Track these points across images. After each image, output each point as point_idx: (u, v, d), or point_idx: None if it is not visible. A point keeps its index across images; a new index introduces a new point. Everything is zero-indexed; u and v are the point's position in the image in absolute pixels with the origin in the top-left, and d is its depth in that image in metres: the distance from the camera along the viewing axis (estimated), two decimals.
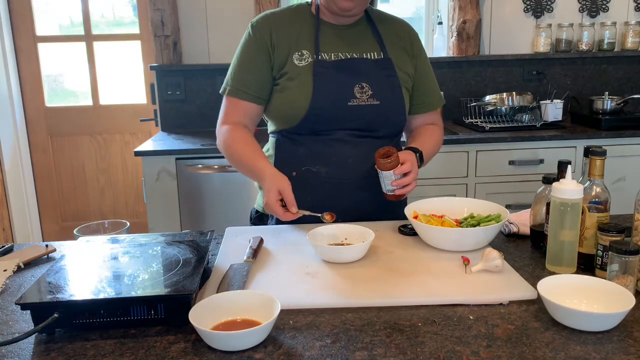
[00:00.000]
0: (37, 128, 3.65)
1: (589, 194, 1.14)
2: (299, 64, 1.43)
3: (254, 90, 1.47)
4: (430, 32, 3.55)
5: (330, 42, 1.47)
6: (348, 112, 1.43)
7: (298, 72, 1.43)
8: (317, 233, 1.27)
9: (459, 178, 2.86)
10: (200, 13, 3.24)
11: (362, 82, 1.44)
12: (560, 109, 3.13)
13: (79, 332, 0.95)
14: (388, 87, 1.47)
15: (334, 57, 1.45)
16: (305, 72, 1.43)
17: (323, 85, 1.42)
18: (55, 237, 3.75)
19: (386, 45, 1.50)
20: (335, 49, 1.46)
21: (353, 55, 1.47)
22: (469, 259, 1.18)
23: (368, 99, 1.44)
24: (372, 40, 1.50)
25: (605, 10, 3.38)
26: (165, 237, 1.25)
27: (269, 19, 1.49)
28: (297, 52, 1.44)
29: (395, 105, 1.48)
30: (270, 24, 1.47)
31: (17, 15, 3.50)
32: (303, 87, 1.41)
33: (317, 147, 1.45)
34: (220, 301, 0.96)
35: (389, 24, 1.55)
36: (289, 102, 1.44)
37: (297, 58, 1.44)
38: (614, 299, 0.95)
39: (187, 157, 2.73)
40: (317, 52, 1.44)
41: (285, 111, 1.46)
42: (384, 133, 1.50)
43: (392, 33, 1.53)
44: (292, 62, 1.44)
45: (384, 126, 1.49)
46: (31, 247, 1.34)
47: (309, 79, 1.42)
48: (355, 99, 1.43)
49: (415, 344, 0.89)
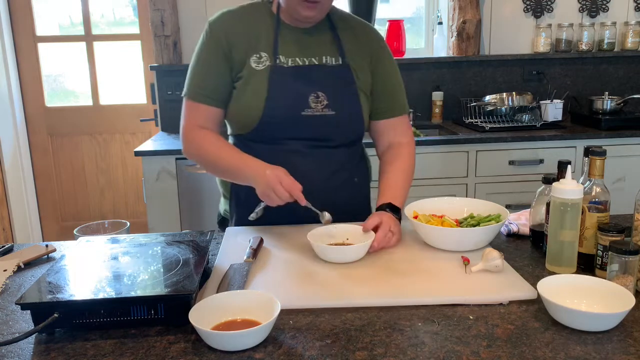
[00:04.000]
0: (37, 128, 3.65)
1: (589, 194, 1.14)
2: (256, 67, 1.39)
3: (214, 93, 1.42)
4: (430, 32, 3.55)
5: (289, 46, 1.42)
6: (301, 122, 1.39)
7: (254, 76, 1.39)
8: (317, 233, 1.27)
9: (459, 178, 2.86)
10: (200, 13, 3.24)
11: (317, 91, 1.40)
12: (560, 109, 3.13)
13: (79, 332, 0.95)
14: (345, 96, 1.43)
15: (291, 63, 1.41)
16: (261, 77, 1.39)
17: (277, 93, 1.38)
18: (55, 237, 3.75)
19: (345, 50, 1.45)
20: (293, 53, 1.42)
21: (312, 60, 1.42)
22: (469, 259, 1.18)
23: (323, 108, 1.40)
24: (332, 46, 1.45)
25: (605, 10, 3.38)
26: (165, 237, 1.25)
27: (226, 18, 1.44)
28: (255, 54, 1.40)
29: (351, 116, 1.44)
30: (228, 23, 1.43)
31: (17, 15, 3.50)
32: (257, 93, 1.38)
33: (272, 157, 1.36)
34: (220, 301, 0.96)
35: (349, 28, 1.49)
36: (243, 108, 1.41)
37: (254, 61, 1.40)
38: (614, 299, 0.95)
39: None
40: (276, 56, 1.40)
41: (239, 117, 1.43)
42: (339, 143, 1.45)
43: (353, 37, 1.48)
44: (250, 65, 1.40)
45: (339, 136, 1.45)
46: (31, 247, 1.34)
47: (264, 85, 1.38)
48: (310, 109, 1.39)
49: (415, 344, 0.89)
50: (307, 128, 1.41)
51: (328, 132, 1.43)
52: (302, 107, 1.39)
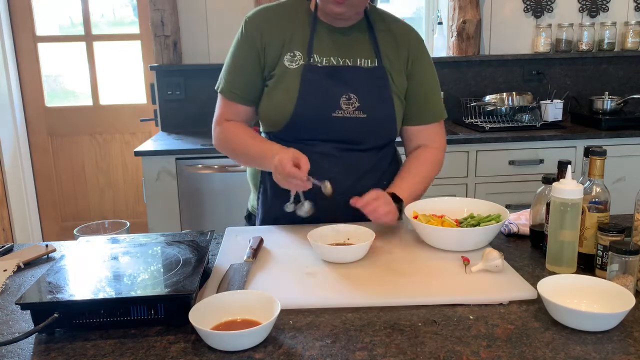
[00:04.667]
0: (37, 128, 3.65)
1: (589, 194, 1.14)
2: (289, 66, 1.38)
3: (244, 92, 1.44)
4: (430, 32, 3.55)
5: (325, 45, 1.41)
6: (332, 123, 1.38)
7: (287, 74, 1.38)
8: (317, 233, 1.27)
9: (459, 178, 2.86)
10: (200, 13, 3.24)
11: (349, 93, 1.38)
12: (560, 109, 3.13)
13: (79, 332, 0.95)
14: (377, 99, 1.41)
15: (325, 62, 1.40)
16: (293, 75, 1.38)
17: (309, 92, 1.37)
18: (55, 237, 3.75)
19: (382, 52, 1.43)
20: (328, 52, 1.40)
21: (346, 61, 1.41)
22: (469, 259, 1.18)
23: (354, 111, 1.38)
24: (368, 47, 1.43)
25: (605, 10, 3.38)
26: (165, 237, 1.25)
27: (262, 15, 1.43)
28: (289, 53, 1.39)
29: (383, 119, 1.42)
30: (264, 20, 1.42)
31: (17, 15, 3.50)
32: (289, 92, 1.37)
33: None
34: (220, 301, 0.96)
35: (388, 28, 1.46)
36: (274, 106, 1.40)
37: (288, 59, 1.39)
38: (614, 299, 0.95)
39: (187, 157, 2.73)
40: (310, 55, 1.39)
41: (269, 114, 1.42)
42: (370, 146, 1.44)
43: (391, 38, 1.45)
44: (283, 63, 1.39)
45: (370, 140, 1.43)
46: (31, 247, 1.34)
47: (297, 83, 1.37)
48: (341, 111, 1.38)
49: (415, 344, 0.89)
50: (337, 130, 1.39)
51: (358, 135, 1.41)
52: (333, 108, 1.38)
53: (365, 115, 1.39)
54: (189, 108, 3.29)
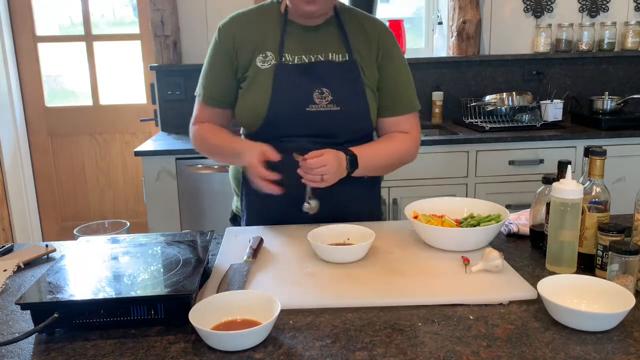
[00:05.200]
0: (37, 128, 3.65)
1: (589, 194, 1.14)
2: (261, 67, 1.41)
3: (220, 96, 1.48)
4: (430, 32, 3.55)
5: (296, 44, 1.43)
6: (307, 118, 1.40)
7: (259, 75, 1.41)
8: (318, 233, 1.27)
9: (459, 178, 2.86)
10: (200, 13, 3.24)
11: (321, 87, 1.40)
12: (560, 109, 3.13)
13: (79, 332, 0.95)
14: (350, 92, 1.42)
15: (297, 60, 1.42)
16: (266, 75, 1.41)
17: (282, 90, 1.39)
18: (55, 237, 3.75)
19: (352, 46, 1.45)
20: (299, 51, 1.43)
21: (318, 57, 1.43)
22: (469, 259, 1.18)
23: (327, 104, 1.40)
24: (338, 41, 1.45)
25: (605, 10, 3.38)
26: (165, 237, 1.25)
27: (234, 21, 1.47)
28: (261, 54, 1.42)
29: (356, 111, 1.43)
30: (236, 26, 1.46)
31: (17, 15, 3.50)
32: (263, 91, 1.40)
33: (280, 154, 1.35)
34: (220, 301, 0.96)
35: (357, 23, 1.49)
36: (248, 107, 1.43)
37: (260, 60, 1.42)
38: (614, 299, 0.95)
39: (187, 157, 2.73)
40: (281, 54, 1.42)
41: (245, 115, 1.45)
42: (346, 139, 1.44)
43: (360, 32, 1.47)
44: (255, 65, 1.42)
45: (345, 132, 1.44)
46: (31, 247, 1.34)
47: (269, 83, 1.40)
48: (314, 105, 1.39)
49: (415, 344, 0.89)
50: (312, 124, 1.41)
51: (333, 128, 1.43)
52: (307, 103, 1.40)
53: (339, 108, 1.41)
54: (189, 108, 3.24)
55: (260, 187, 1.32)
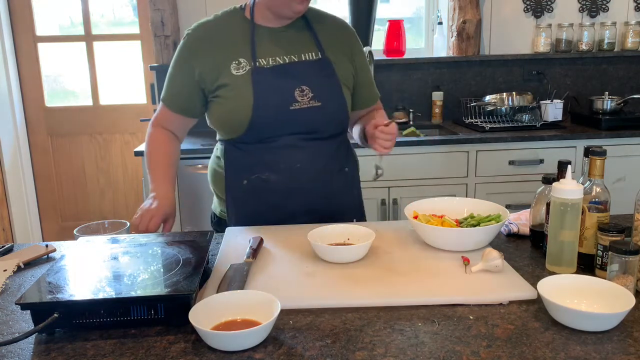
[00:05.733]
0: (37, 128, 3.65)
1: (589, 194, 1.14)
2: (236, 74, 1.42)
3: (181, 102, 1.51)
4: (430, 32, 3.55)
5: (267, 47, 1.45)
6: (291, 116, 1.42)
7: (236, 82, 1.42)
8: (317, 233, 1.27)
9: (459, 178, 2.86)
10: (200, 13, 3.24)
11: (302, 85, 1.43)
12: (560, 109, 3.13)
13: (79, 332, 0.95)
14: (328, 87, 1.47)
15: (272, 63, 1.44)
16: (243, 81, 1.42)
17: (263, 92, 1.41)
18: (55, 237, 3.75)
19: (323, 45, 1.49)
20: (272, 53, 1.45)
21: (292, 58, 1.46)
22: (469, 259, 1.18)
23: (309, 101, 1.43)
24: (309, 41, 1.49)
25: (605, 10, 3.38)
26: (165, 237, 1.25)
27: (204, 29, 1.48)
28: (234, 62, 1.43)
29: (336, 105, 1.48)
30: (205, 34, 1.47)
31: (17, 15, 3.50)
32: (243, 97, 1.41)
33: (265, 154, 1.45)
34: (220, 301, 0.96)
35: (324, 24, 1.53)
36: (230, 114, 1.44)
37: (234, 67, 1.43)
38: (614, 299, 0.95)
39: (187, 157, 2.73)
40: (255, 59, 1.43)
41: (227, 122, 1.46)
42: (330, 134, 1.49)
43: (329, 33, 1.52)
44: (230, 72, 1.43)
45: (328, 127, 1.49)
46: (31, 247, 1.34)
47: (249, 88, 1.41)
48: (297, 103, 1.42)
49: (415, 344, 0.89)
50: (297, 122, 1.44)
51: (317, 123, 1.46)
52: (290, 102, 1.42)
53: (320, 103, 1.45)
54: None
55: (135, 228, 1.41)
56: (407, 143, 2.76)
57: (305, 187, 1.45)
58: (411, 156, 2.80)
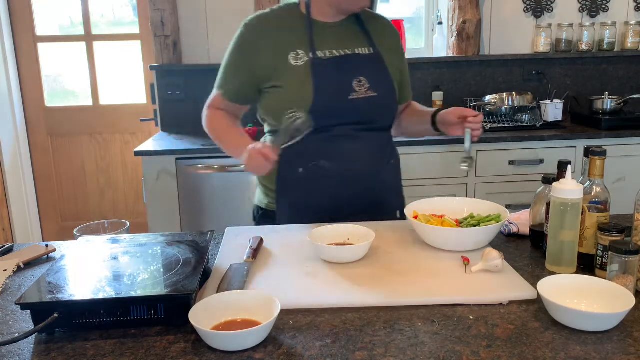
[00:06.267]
0: (37, 128, 3.65)
1: (589, 194, 1.14)
2: (295, 64, 1.46)
3: (238, 92, 1.54)
4: (430, 32, 3.55)
5: (324, 40, 1.49)
6: (349, 105, 1.47)
7: (295, 72, 1.45)
8: (318, 233, 1.27)
9: (459, 178, 2.86)
10: (200, 13, 3.24)
11: (359, 77, 1.48)
12: (560, 109, 3.13)
13: (79, 332, 0.95)
14: (382, 79, 1.53)
15: (329, 55, 1.48)
16: (302, 71, 1.45)
17: (323, 81, 1.45)
18: (55, 237, 3.75)
19: (374, 40, 1.55)
20: (329, 46, 1.49)
21: (346, 51, 1.50)
22: (469, 259, 1.18)
23: (367, 91, 1.48)
24: (362, 37, 1.55)
25: (605, 10, 3.38)
26: (165, 237, 1.25)
27: (262, 21, 1.51)
28: (292, 52, 1.47)
29: (390, 96, 1.54)
30: (263, 26, 1.50)
31: (17, 15, 3.50)
32: (303, 85, 1.44)
33: (321, 143, 1.47)
34: (220, 301, 0.96)
35: (374, 21, 1.60)
36: (289, 102, 1.44)
37: (292, 58, 1.46)
38: (614, 299, 0.95)
39: (187, 157, 2.73)
40: (313, 51, 1.47)
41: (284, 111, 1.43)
42: (380, 125, 1.55)
43: (379, 30, 1.59)
44: (288, 63, 1.46)
45: (381, 117, 1.54)
46: (31, 247, 1.34)
47: (308, 77, 1.44)
48: (355, 93, 1.47)
49: (415, 344, 0.89)
50: (354, 112, 1.48)
51: (372, 114, 1.52)
52: (348, 92, 1.47)
53: (377, 93, 1.50)
54: (189, 108, 3.29)
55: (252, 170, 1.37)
56: (407, 143, 2.76)
57: (357, 176, 1.50)
58: (411, 156, 2.80)
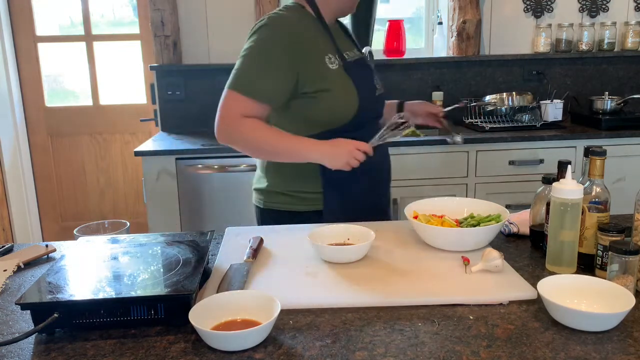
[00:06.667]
0: (37, 128, 3.65)
1: (589, 194, 1.14)
2: (332, 67, 1.46)
3: (277, 95, 1.43)
4: (430, 32, 3.55)
5: (341, 42, 1.55)
6: (378, 102, 1.60)
7: (335, 75, 1.46)
8: (318, 233, 1.27)
9: (459, 178, 2.86)
10: (200, 13, 3.24)
11: (374, 75, 1.60)
12: (560, 109, 3.13)
13: (79, 332, 0.95)
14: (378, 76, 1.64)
15: (351, 56, 1.55)
16: (340, 75, 1.47)
17: (361, 84, 1.51)
18: (55, 237, 3.75)
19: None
20: (345, 48, 1.55)
21: (354, 52, 1.58)
22: (469, 259, 1.18)
23: (381, 87, 1.61)
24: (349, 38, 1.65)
25: (605, 10, 3.38)
26: (165, 237, 1.25)
27: (288, 20, 1.45)
28: (326, 56, 1.46)
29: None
30: (292, 27, 1.44)
31: (17, 15, 3.50)
32: (347, 89, 1.47)
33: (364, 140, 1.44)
34: (220, 301, 0.96)
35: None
36: (338, 105, 1.47)
37: (328, 61, 1.46)
38: (614, 299, 0.95)
39: (187, 157, 2.73)
40: (340, 53, 1.50)
41: (336, 112, 1.47)
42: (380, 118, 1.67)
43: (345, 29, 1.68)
44: (326, 66, 1.45)
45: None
46: (31, 247, 1.34)
47: (349, 81, 1.48)
48: (378, 90, 1.59)
49: (415, 344, 0.89)
50: (379, 107, 1.63)
51: (383, 107, 1.66)
52: (375, 89, 1.58)
53: (384, 90, 1.64)
54: (189, 108, 3.29)
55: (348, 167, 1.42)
56: (407, 143, 2.75)
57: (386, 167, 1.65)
58: (411, 156, 2.80)
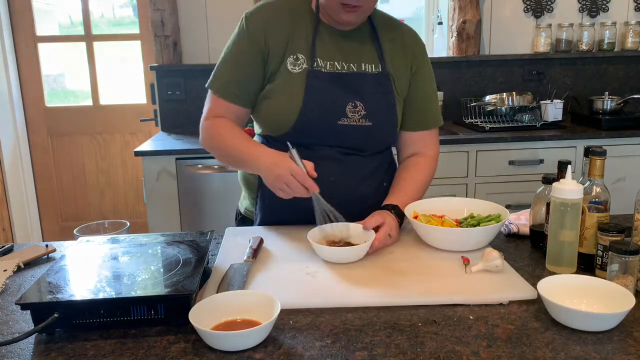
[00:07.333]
0: (37, 128, 3.65)
1: (589, 194, 1.14)
2: (292, 70, 1.34)
3: (241, 92, 1.37)
4: (430, 32, 3.55)
5: (328, 49, 1.37)
6: (337, 131, 1.35)
7: (290, 79, 1.34)
8: (318, 233, 1.27)
9: (459, 178, 2.86)
10: (200, 13, 3.24)
11: (355, 101, 1.35)
12: (560, 109, 3.13)
13: (79, 332, 0.95)
14: (383, 106, 1.39)
15: (329, 67, 1.36)
16: (297, 80, 1.33)
17: (314, 100, 1.33)
18: (55, 237, 3.75)
19: (386, 57, 1.41)
20: (331, 57, 1.36)
21: (351, 66, 1.37)
22: (469, 259, 1.18)
23: (360, 119, 1.35)
24: (372, 51, 1.40)
25: (605, 10, 3.38)
26: (165, 237, 1.25)
27: (265, 12, 1.37)
28: (292, 55, 1.34)
29: (387, 127, 1.41)
30: (267, 18, 1.36)
31: (17, 15, 3.50)
32: (293, 97, 1.33)
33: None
34: (220, 301, 0.96)
35: (392, 32, 1.44)
36: (276, 111, 1.35)
37: (291, 62, 1.34)
38: (614, 299, 0.95)
39: (187, 157, 2.73)
40: (313, 59, 1.34)
41: (270, 120, 1.38)
42: (372, 152, 1.43)
43: (395, 42, 1.43)
44: (286, 67, 1.34)
45: (373, 146, 1.42)
46: (31, 247, 1.34)
47: (301, 89, 1.32)
48: (347, 119, 1.34)
49: (415, 344, 0.89)
50: (341, 137, 1.36)
51: (362, 142, 1.39)
52: (339, 117, 1.34)
53: (371, 123, 1.37)
54: (189, 108, 3.29)
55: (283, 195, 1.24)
56: None
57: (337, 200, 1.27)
58: None
